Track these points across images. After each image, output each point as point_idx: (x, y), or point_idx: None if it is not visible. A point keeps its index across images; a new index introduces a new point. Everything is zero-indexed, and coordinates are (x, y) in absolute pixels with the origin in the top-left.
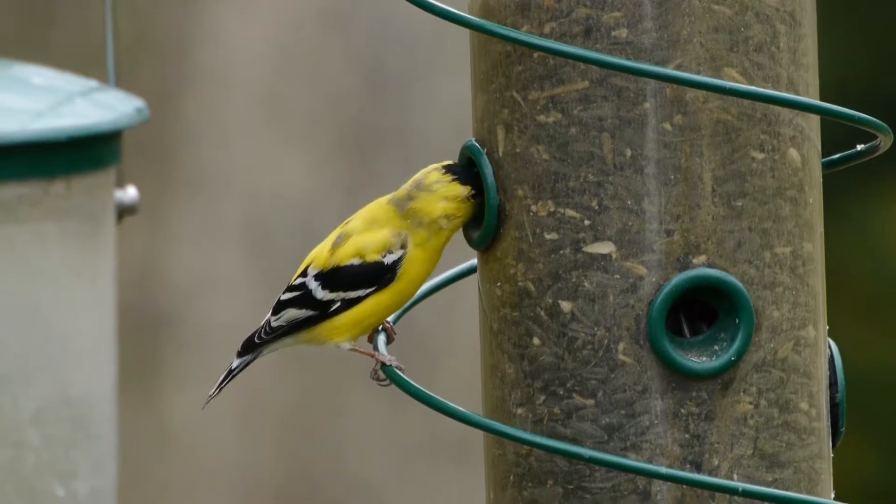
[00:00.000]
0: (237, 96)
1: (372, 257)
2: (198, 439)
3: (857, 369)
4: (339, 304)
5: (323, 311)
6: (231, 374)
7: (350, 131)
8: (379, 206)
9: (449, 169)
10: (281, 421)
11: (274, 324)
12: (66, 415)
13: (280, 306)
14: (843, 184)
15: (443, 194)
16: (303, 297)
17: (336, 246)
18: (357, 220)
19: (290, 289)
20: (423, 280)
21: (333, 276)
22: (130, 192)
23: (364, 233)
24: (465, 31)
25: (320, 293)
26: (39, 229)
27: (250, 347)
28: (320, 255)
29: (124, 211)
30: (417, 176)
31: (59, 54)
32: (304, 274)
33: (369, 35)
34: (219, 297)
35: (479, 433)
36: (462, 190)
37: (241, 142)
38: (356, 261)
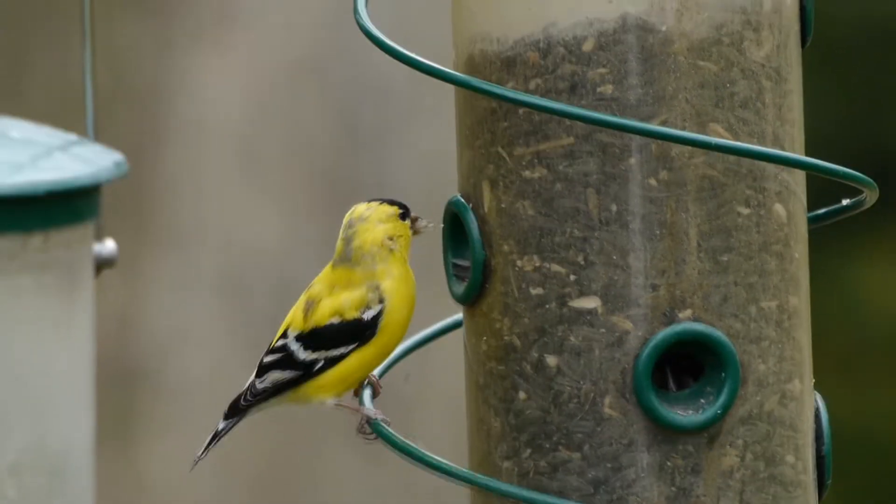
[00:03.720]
0: (213, 148)
1: (351, 314)
2: (174, 491)
3: (839, 423)
4: (322, 362)
5: (307, 372)
6: (218, 437)
7: (326, 183)
8: (329, 272)
9: (371, 199)
10: (257, 473)
11: (259, 386)
12: (43, 466)
13: (263, 369)
14: (825, 238)
15: (377, 217)
16: (285, 358)
17: (309, 310)
18: (318, 285)
19: (272, 351)
20: (406, 326)
21: (314, 337)
22: (109, 245)
23: (334, 294)
24: (442, 83)
25: (302, 354)
26: (16, 283)
27: (236, 410)
28: (295, 319)
29: (102, 264)
30: (343, 224)
31: (34, 102)
32: (284, 335)
33: (345, 86)
34: (195, 349)
35: (456, 486)
36: (390, 209)
37: (217, 193)
38: (335, 320)
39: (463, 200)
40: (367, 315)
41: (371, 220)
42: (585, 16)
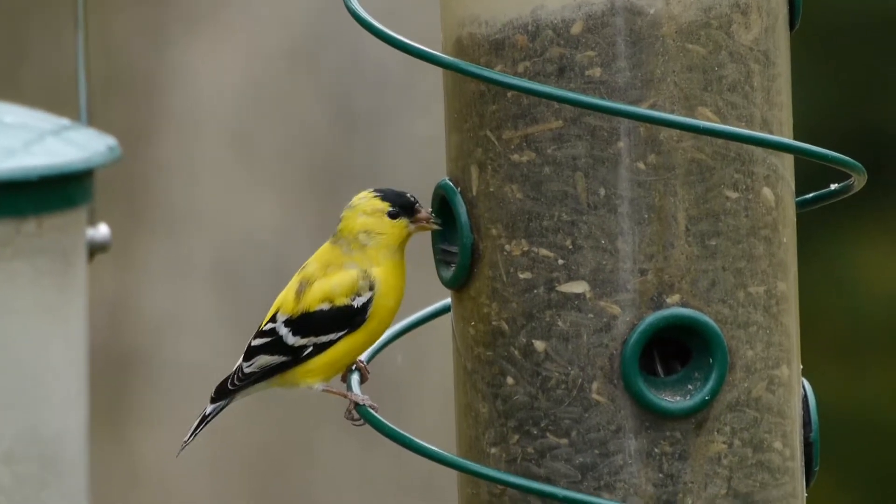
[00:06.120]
0: (207, 135)
1: (341, 301)
2: (168, 478)
3: (828, 409)
4: (311, 348)
5: (295, 357)
6: (205, 420)
7: (320, 170)
8: (323, 248)
9: (377, 190)
10: (251, 459)
11: (247, 370)
12: (36, 454)
13: (252, 352)
14: (817, 222)
15: (362, 209)
16: (274, 343)
17: (301, 292)
18: (312, 264)
19: (261, 334)
20: (394, 313)
21: (303, 322)
22: (102, 230)
23: (327, 276)
24: (436, 69)
25: (291, 339)
26: (10, 268)
27: (224, 393)
28: (286, 301)
29: (96, 249)
30: (350, 203)
31: (29, 91)
32: (273, 319)
33: (339, 73)
34: (189, 335)
35: (448, 471)
36: (380, 204)
37: (211, 180)
38: (325, 305)
39: (451, 184)
40: (357, 302)
41: (357, 209)
42: None
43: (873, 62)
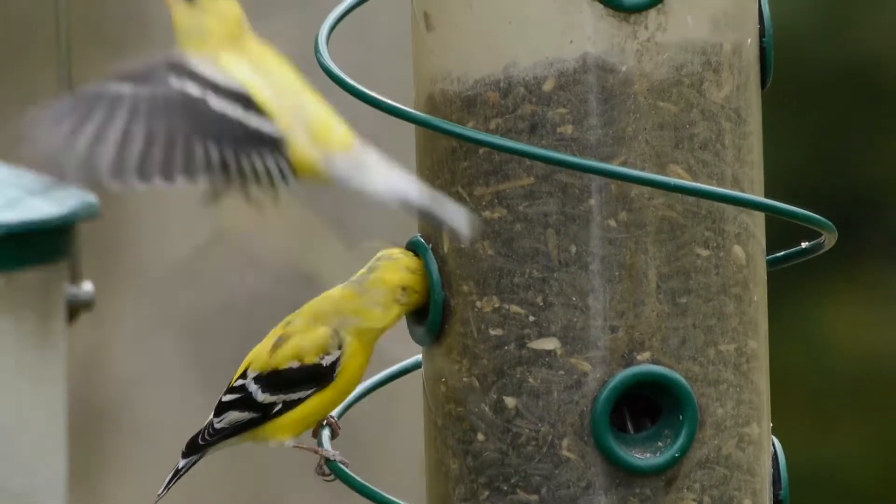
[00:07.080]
0: (180, 188)
1: (310, 359)
2: None
3: (795, 467)
4: (280, 405)
5: (265, 413)
6: (178, 475)
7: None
8: (331, 294)
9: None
10: None
11: (217, 426)
12: None
13: (222, 408)
14: (790, 280)
15: (405, 264)
16: (243, 399)
17: (276, 347)
18: (299, 318)
19: (231, 390)
20: (364, 370)
21: (272, 379)
22: (85, 288)
23: (304, 332)
24: (404, 122)
25: (260, 396)
26: None
27: (195, 448)
28: (259, 356)
29: (79, 306)
30: (379, 254)
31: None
32: (244, 375)
33: None
34: (163, 390)
35: None
36: (422, 262)
37: (182, 231)
38: (294, 364)
39: (423, 241)
40: (326, 361)
41: (400, 262)
42: (546, 56)
43: (844, 121)
